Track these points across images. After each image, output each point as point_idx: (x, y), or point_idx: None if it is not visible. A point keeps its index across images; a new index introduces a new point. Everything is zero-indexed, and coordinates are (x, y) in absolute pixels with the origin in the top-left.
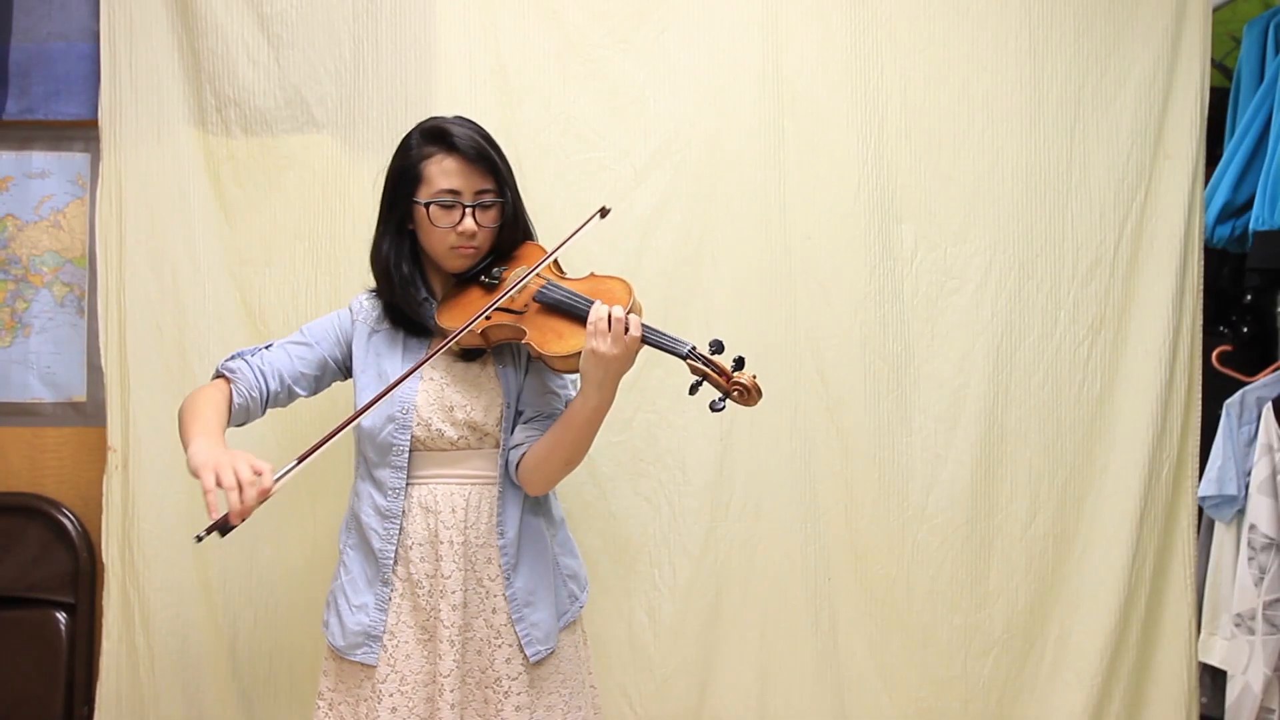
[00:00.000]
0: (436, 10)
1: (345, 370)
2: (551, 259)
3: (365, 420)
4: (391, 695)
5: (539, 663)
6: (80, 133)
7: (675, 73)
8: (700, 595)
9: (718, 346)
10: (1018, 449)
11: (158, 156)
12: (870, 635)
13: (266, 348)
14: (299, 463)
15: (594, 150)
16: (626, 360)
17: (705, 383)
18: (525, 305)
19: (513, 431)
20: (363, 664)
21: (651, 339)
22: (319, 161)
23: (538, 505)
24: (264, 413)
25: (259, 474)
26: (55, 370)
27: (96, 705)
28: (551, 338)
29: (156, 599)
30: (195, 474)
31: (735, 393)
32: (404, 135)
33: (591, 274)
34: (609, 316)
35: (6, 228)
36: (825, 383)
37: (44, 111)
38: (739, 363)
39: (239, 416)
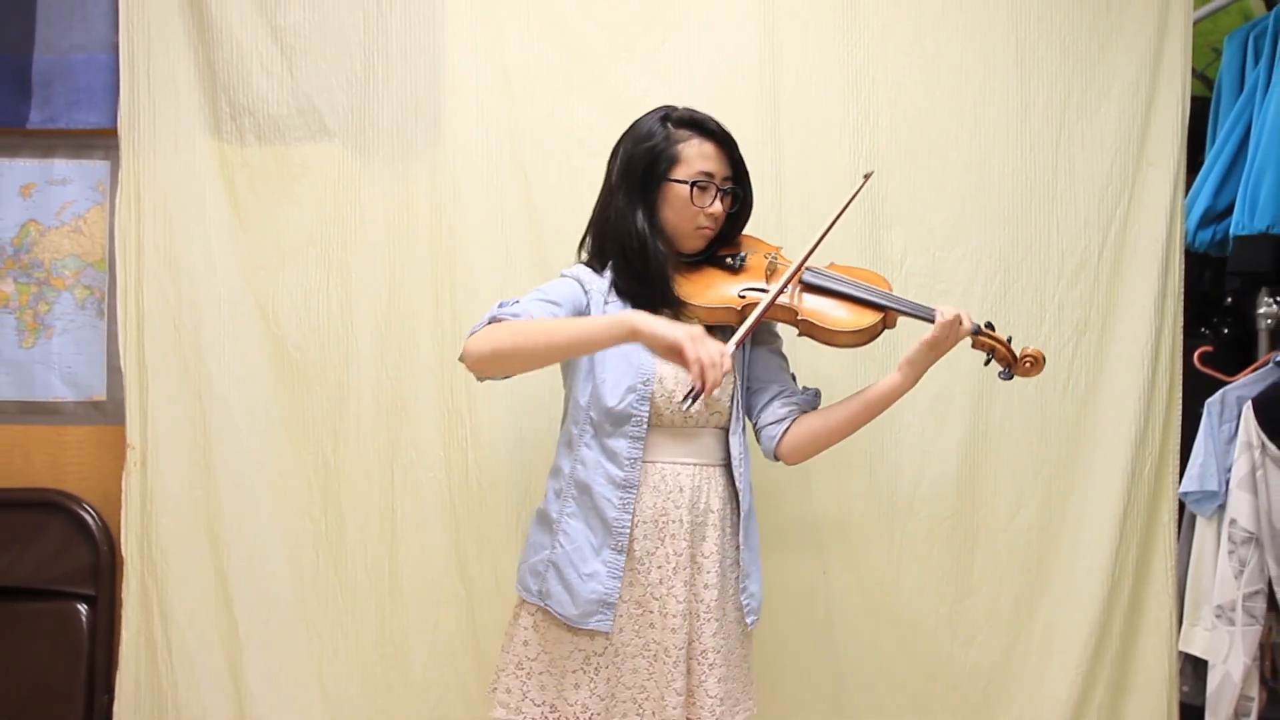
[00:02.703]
0: (445, 21)
1: None
2: (812, 249)
3: (604, 390)
4: (608, 668)
5: (742, 638)
6: (100, 141)
7: (675, 80)
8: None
9: (990, 326)
10: (1002, 446)
11: (174, 164)
12: (864, 626)
13: (516, 302)
14: (739, 343)
15: (597, 155)
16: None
17: (993, 358)
18: (791, 288)
19: (761, 408)
20: (594, 631)
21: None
22: (330, 169)
23: (749, 485)
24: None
25: (722, 354)
26: (76, 370)
27: (116, 693)
28: (832, 318)
29: (173, 591)
30: (674, 345)
31: (1027, 362)
32: (635, 122)
33: (832, 264)
34: (956, 317)
35: (30, 233)
36: (820, 381)
37: (66, 120)
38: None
39: None
